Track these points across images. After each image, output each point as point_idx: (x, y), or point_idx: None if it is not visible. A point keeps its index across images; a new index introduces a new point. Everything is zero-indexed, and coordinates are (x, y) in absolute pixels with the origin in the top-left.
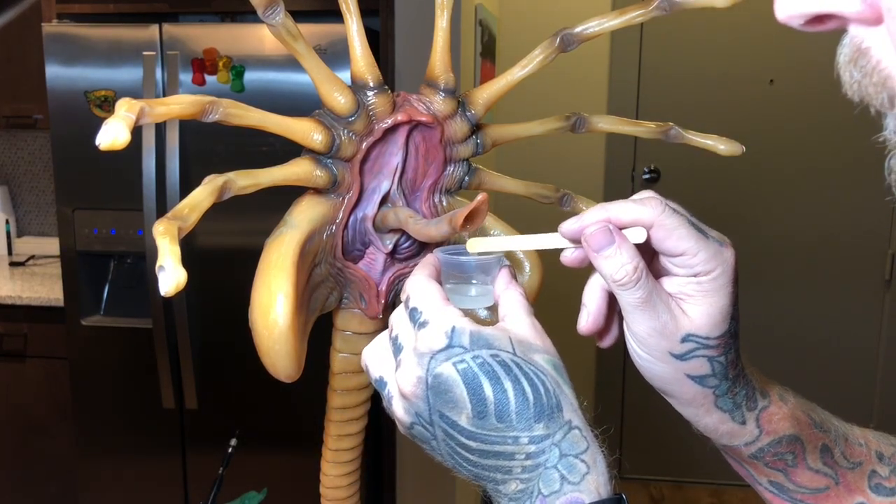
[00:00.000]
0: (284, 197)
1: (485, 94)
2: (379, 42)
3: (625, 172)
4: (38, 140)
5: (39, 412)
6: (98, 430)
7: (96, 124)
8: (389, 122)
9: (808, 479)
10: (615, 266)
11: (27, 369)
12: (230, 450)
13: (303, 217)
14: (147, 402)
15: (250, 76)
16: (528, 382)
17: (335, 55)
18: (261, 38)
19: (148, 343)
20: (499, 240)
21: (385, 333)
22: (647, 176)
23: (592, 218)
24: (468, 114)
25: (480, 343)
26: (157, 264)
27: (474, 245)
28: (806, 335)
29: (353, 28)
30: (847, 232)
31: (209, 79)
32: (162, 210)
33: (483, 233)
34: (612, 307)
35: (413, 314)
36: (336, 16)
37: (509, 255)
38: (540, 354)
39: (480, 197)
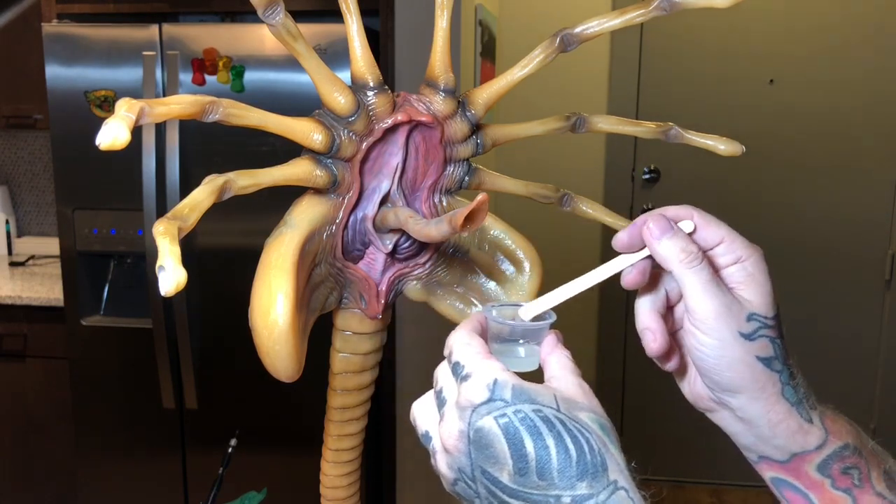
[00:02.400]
0: (284, 197)
1: (485, 94)
2: (379, 42)
3: (625, 172)
4: (38, 140)
5: (39, 412)
6: (98, 430)
7: (96, 124)
8: (389, 122)
9: None
10: (680, 245)
11: (27, 369)
12: (230, 450)
13: (303, 217)
14: (147, 402)
15: (250, 76)
16: (572, 439)
17: (335, 55)
18: (261, 38)
19: (148, 343)
20: (548, 297)
21: (432, 389)
22: (647, 176)
23: (645, 216)
24: (468, 114)
25: (523, 397)
26: (157, 264)
27: (528, 312)
28: (806, 335)
29: (353, 28)
30: (847, 232)
31: (209, 79)
32: (162, 210)
33: (483, 233)
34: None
35: (456, 368)
36: (336, 16)
37: (511, 256)
38: (586, 413)
39: (480, 197)
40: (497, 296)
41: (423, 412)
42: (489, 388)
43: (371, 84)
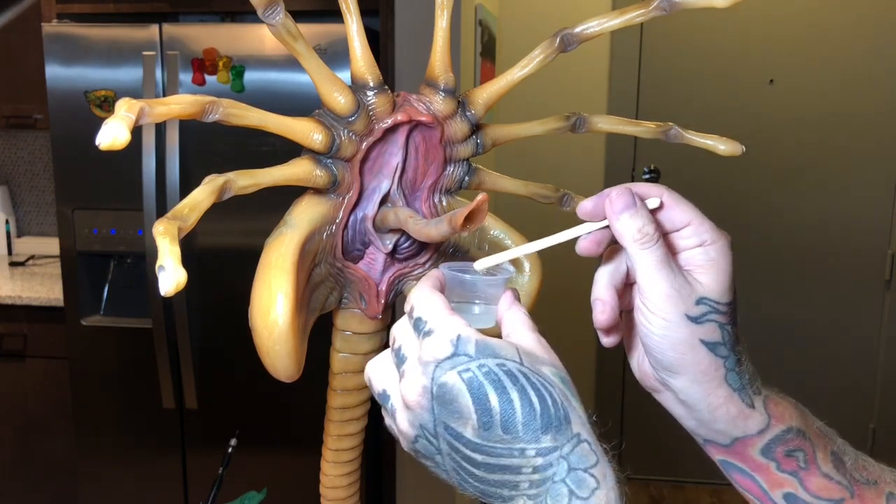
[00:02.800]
0: (284, 197)
1: (485, 94)
2: (379, 42)
3: (625, 172)
4: (38, 140)
5: (39, 412)
6: (98, 430)
7: (96, 124)
8: (389, 121)
9: (822, 486)
10: (637, 224)
11: (27, 369)
12: (230, 450)
13: (303, 217)
14: (147, 402)
15: (250, 76)
16: (536, 393)
17: (335, 55)
18: (261, 38)
19: (148, 343)
20: (504, 253)
21: (389, 346)
22: (647, 176)
23: (612, 189)
24: (468, 114)
25: (486, 352)
26: (157, 264)
27: (482, 263)
28: (806, 335)
29: (353, 28)
30: (847, 232)
31: (209, 79)
32: (162, 210)
33: (483, 233)
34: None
35: (418, 324)
36: (336, 16)
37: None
38: (547, 367)
39: (480, 197)
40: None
41: (379, 371)
42: (453, 344)
43: (371, 84)
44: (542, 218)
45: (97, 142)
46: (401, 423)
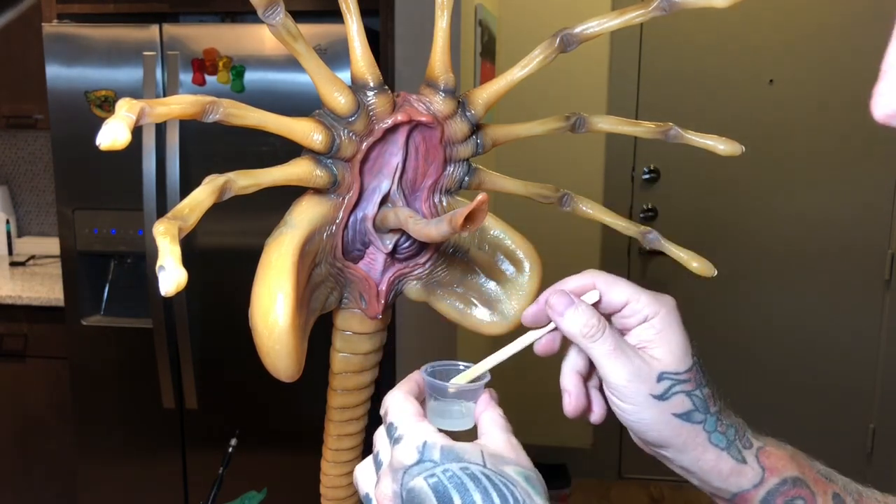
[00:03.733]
0: (284, 197)
1: (485, 94)
2: (379, 42)
3: (625, 172)
4: (38, 140)
5: (39, 412)
6: (98, 430)
7: (96, 124)
8: (389, 122)
9: None
10: (580, 322)
11: (27, 369)
12: (230, 450)
13: (303, 217)
14: (147, 402)
15: (250, 76)
16: (497, 493)
17: (335, 55)
18: (261, 38)
19: (148, 343)
20: (473, 368)
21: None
22: (646, 176)
23: (546, 293)
24: (468, 114)
25: (451, 457)
26: (158, 264)
27: (455, 382)
28: (806, 335)
29: (353, 28)
30: (847, 232)
31: (209, 79)
32: (162, 210)
33: (483, 233)
34: (589, 387)
35: (390, 429)
36: (336, 16)
37: (511, 257)
38: (511, 466)
39: (480, 197)
40: (497, 295)
41: (363, 475)
42: (419, 450)
43: (371, 84)
44: (542, 218)
45: (97, 142)
46: None
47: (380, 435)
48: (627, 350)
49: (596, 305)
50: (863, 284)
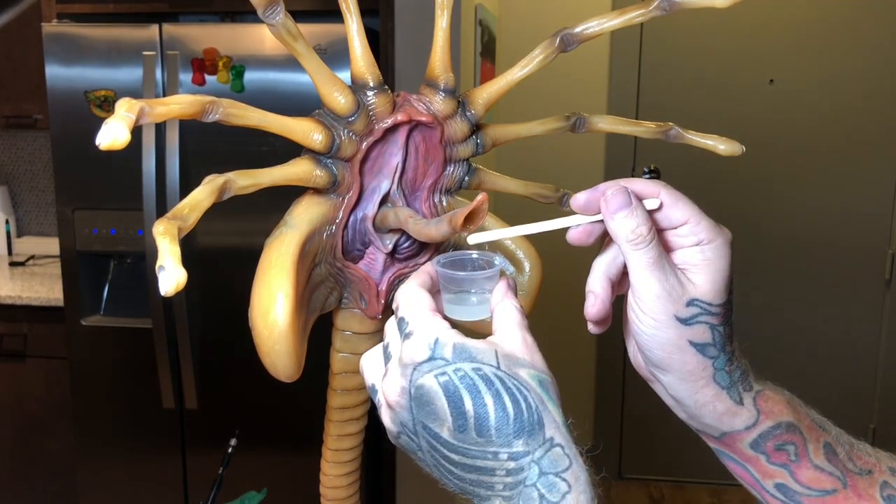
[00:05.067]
0: (284, 197)
1: (485, 94)
2: (379, 42)
3: (625, 172)
4: (38, 140)
5: (39, 412)
6: (98, 429)
7: (96, 124)
8: (389, 121)
9: (814, 478)
10: (632, 225)
11: (27, 369)
12: (230, 450)
13: (303, 217)
14: (147, 402)
15: (250, 76)
16: (510, 397)
17: (335, 55)
18: (261, 38)
19: (148, 343)
20: (498, 231)
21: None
22: (647, 176)
23: (608, 184)
24: (468, 114)
25: (463, 356)
26: (157, 264)
27: (474, 238)
28: (806, 335)
29: (353, 28)
30: (847, 232)
31: (209, 79)
32: (162, 210)
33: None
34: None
35: (401, 324)
36: (336, 16)
37: (511, 257)
38: (526, 369)
39: (480, 197)
40: None
41: (370, 365)
42: (430, 347)
43: (371, 84)
44: (542, 218)
45: (97, 142)
46: (385, 418)
47: (390, 326)
48: (666, 266)
49: (652, 213)
50: (863, 284)
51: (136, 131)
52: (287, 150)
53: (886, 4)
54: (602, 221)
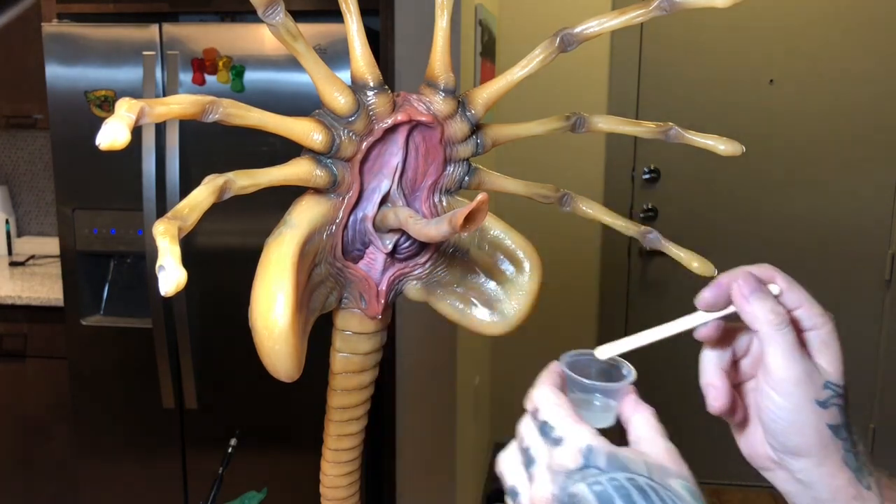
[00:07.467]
0: (284, 197)
1: (485, 94)
2: (379, 42)
3: (625, 172)
4: (38, 140)
5: (39, 412)
6: (98, 430)
7: (96, 124)
8: (389, 121)
9: None
10: (769, 306)
11: (27, 369)
12: (230, 450)
13: (303, 217)
14: (147, 402)
15: (250, 76)
16: None
17: (335, 55)
18: (261, 38)
19: (148, 343)
20: (626, 340)
21: (517, 442)
22: (647, 176)
23: (727, 275)
24: (468, 114)
25: (616, 465)
26: (157, 264)
27: (603, 352)
28: None
29: (353, 28)
30: (847, 232)
31: (209, 79)
32: (162, 210)
33: (483, 233)
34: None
35: (544, 428)
36: (336, 16)
37: (511, 257)
38: (675, 480)
39: (480, 197)
40: (497, 295)
41: (509, 467)
42: (583, 455)
43: (371, 84)
44: (542, 218)
45: (97, 142)
46: None
47: (529, 430)
48: (802, 349)
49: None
50: (863, 284)
51: (136, 131)
52: (287, 150)
53: (886, 4)
54: (724, 317)
